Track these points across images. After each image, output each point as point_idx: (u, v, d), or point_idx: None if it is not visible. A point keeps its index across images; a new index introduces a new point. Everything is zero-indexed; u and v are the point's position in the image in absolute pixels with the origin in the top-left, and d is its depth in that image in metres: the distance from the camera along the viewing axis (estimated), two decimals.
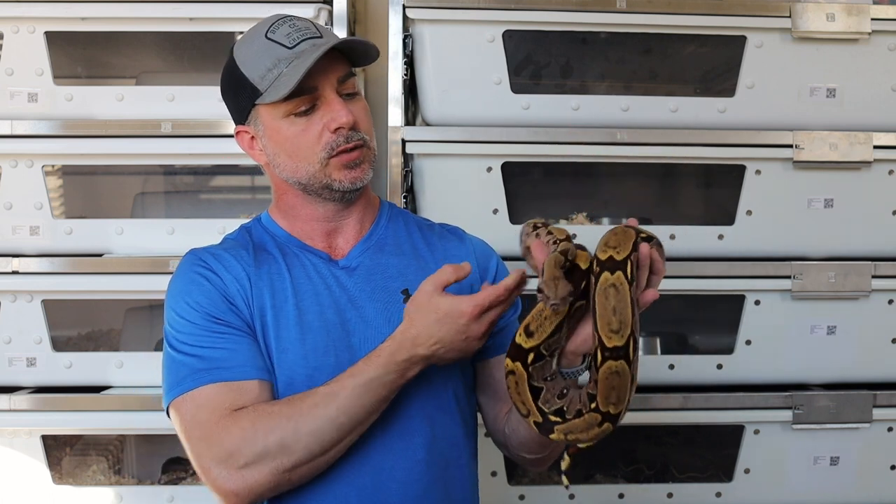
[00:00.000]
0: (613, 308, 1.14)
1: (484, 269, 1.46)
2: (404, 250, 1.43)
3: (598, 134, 2.03)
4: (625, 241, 1.16)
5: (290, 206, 1.42)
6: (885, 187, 2.10)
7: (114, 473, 2.13)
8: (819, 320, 2.08)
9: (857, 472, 2.09)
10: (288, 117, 1.33)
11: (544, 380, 1.21)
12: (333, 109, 1.32)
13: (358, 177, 1.35)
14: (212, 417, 1.25)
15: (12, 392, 2.01)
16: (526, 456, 1.41)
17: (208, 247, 1.42)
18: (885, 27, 2.08)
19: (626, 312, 1.13)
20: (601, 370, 1.14)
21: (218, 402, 1.26)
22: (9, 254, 2.02)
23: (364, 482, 1.32)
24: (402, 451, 1.33)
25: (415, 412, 1.34)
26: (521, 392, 1.21)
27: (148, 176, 2.34)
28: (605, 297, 1.14)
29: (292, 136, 1.34)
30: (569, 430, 1.20)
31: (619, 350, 1.13)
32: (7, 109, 2.04)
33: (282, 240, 1.42)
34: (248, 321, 1.33)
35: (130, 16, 2.02)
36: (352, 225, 1.42)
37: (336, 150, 1.33)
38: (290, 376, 1.32)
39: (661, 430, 2.20)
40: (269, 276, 1.36)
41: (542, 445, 1.35)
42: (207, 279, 1.34)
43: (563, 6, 2.03)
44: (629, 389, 1.16)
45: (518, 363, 1.19)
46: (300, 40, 1.32)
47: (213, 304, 1.33)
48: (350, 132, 1.33)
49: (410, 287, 1.37)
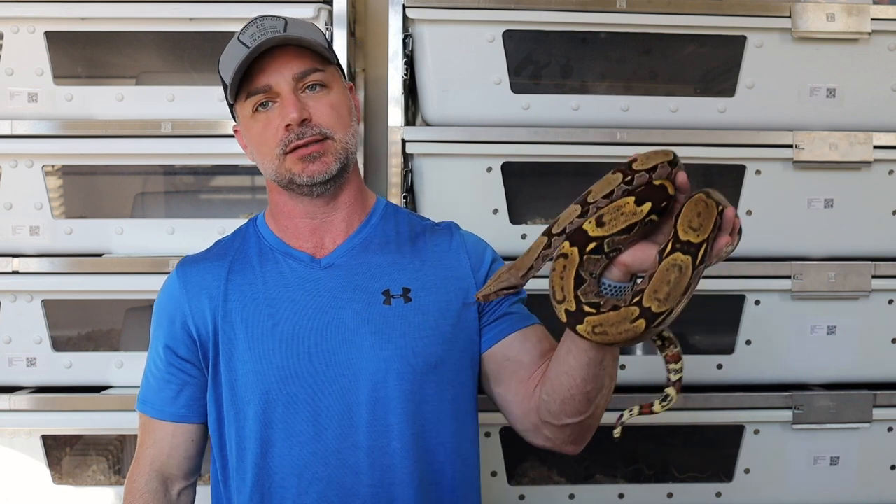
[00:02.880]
0: (699, 213, 1.13)
1: (477, 261, 1.44)
2: (390, 249, 1.42)
3: (598, 134, 2.03)
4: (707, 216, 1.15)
5: (275, 203, 1.44)
6: (885, 187, 2.10)
7: (114, 473, 2.13)
8: (819, 320, 2.08)
9: (857, 472, 2.09)
10: (253, 115, 1.37)
11: (591, 275, 1.19)
12: (283, 106, 1.34)
13: (317, 170, 1.35)
14: (136, 451, 1.46)
15: (12, 392, 2.01)
16: (568, 421, 1.32)
17: (196, 256, 1.47)
18: (885, 27, 2.07)
19: (708, 224, 1.12)
20: (664, 261, 1.13)
21: (140, 436, 1.46)
22: (9, 254, 2.03)
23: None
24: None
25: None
26: (564, 277, 1.18)
27: (148, 176, 2.34)
28: (693, 205, 1.14)
29: (257, 133, 1.37)
30: (599, 322, 1.15)
31: (691, 245, 1.12)
32: (7, 109, 2.04)
33: (267, 244, 1.44)
34: (206, 350, 1.40)
35: (130, 16, 2.02)
36: (338, 223, 1.42)
37: (289, 146, 1.34)
38: (267, 387, 1.34)
39: (661, 430, 2.19)
40: (242, 288, 1.40)
41: (587, 399, 1.28)
42: (176, 306, 1.42)
43: (563, 6, 2.03)
44: (682, 295, 1.12)
45: (575, 248, 1.18)
46: (261, 39, 1.33)
47: (172, 335, 1.42)
48: (302, 128, 1.33)
49: (392, 287, 1.38)
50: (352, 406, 1.33)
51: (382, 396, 1.33)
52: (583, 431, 1.35)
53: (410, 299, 1.37)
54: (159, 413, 1.43)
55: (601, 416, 1.35)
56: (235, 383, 1.36)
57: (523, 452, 2.20)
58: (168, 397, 1.42)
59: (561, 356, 1.27)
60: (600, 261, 1.18)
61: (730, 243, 1.16)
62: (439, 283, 1.40)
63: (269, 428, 1.34)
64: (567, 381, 1.27)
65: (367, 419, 1.33)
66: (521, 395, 1.39)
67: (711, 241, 1.13)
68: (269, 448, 1.35)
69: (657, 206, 1.16)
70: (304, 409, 1.34)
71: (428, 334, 1.36)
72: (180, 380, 1.42)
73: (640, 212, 1.16)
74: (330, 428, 1.33)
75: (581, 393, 1.27)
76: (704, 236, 1.12)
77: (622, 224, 1.16)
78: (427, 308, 1.38)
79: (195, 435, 1.44)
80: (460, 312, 1.40)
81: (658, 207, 1.16)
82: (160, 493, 1.43)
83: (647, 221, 1.16)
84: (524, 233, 2.06)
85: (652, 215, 1.16)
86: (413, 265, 1.41)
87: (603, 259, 1.18)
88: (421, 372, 1.34)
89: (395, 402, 1.33)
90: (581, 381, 1.25)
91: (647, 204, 1.16)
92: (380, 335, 1.35)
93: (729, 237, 1.16)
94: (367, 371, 1.33)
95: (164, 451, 1.43)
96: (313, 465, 1.33)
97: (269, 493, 1.35)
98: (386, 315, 1.36)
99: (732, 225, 1.16)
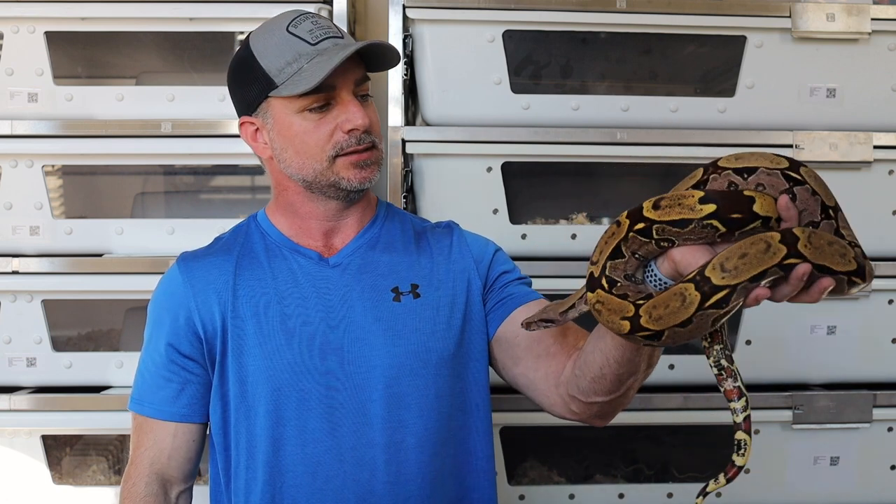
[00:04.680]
0: (744, 254, 0.97)
1: (480, 254, 1.45)
2: (396, 248, 1.43)
3: (598, 134, 2.03)
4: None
5: (290, 202, 1.42)
6: (885, 187, 2.10)
7: (114, 473, 2.13)
8: (819, 320, 2.08)
9: (857, 472, 2.09)
10: (301, 113, 1.33)
11: (633, 254, 1.09)
12: (349, 111, 1.33)
13: (367, 177, 1.36)
14: (131, 453, 1.43)
15: (12, 392, 2.01)
16: (597, 399, 1.28)
17: (197, 252, 1.44)
18: (885, 27, 2.07)
19: (748, 271, 0.97)
20: (675, 284, 1.02)
21: (136, 437, 1.42)
22: (9, 254, 2.02)
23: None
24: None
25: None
26: (608, 243, 1.09)
27: (148, 176, 2.34)
28: (750, 242, 0.98)
29: (302, 133, 1.34)
30: (602, 300, 1.08)
31: (707, 283, 0.97)
32: (7, 109, 2.04)
33: (273, 241, 1.43)
34: (213, 346, 1.37)
35: (130, 16, 2.02)
36: (350, 225, 1.43)
37: (346, 150, 1.33)
38: (279, 383, 1.34)
39: (661, 430, 2.19)
40: (251, 283, 1.38)
41: (619, 380, 1.23)
42: (180, 302, 1.39)
43: (563, 6, 2.03)
44: (678, 327, 1.01)
45: (628, 221, 1.07)
46: (322, 38, 1.32)
47: (174, 332, 1.39)
48: (363, 134, 1.34)
49: (401, 284, 1.38)
50: (366, 403, 1.33)
51: (396, 392, 1.33)
52: (613, 408, 1.32)
53: (419, 295, 1.38)
54: (159, 413, 1.40)
55: (633, 396, 1.30)
56: (245, 379, 1.35)
57: (523, 452, 2.20)
58: (169, 396, 1.39)
59: (601, 332, 1.23)
60: (647, 244, 1.07)
61: (790, 296, 1.00)
62: (445, 279, 1.41)
63: (281, 425, 1.33)
64: (600, 359, 1.22)
65: (382, 415, 1.33)
66: (542, 371, 1.37)
67: (742, 290, 0.98)
68: (281, 446, 1.34)
69: (723, 214, 1.00)
70: (318, 406, 1.33)
71: (439, 329, 1.37)
72: (182, 378, 1.39)
73: (700, 210, 1.01)
74: (344, 425, 1.33)
75: (613, 374, 1.22)
76: (732, 282, 0.97)
77: (675, 215, 1.02)
78: (436, 304, 1.39)
79: (196, 435, 1.42)
80: (467, 304, 1.41)
81: (725, 216, 1.00)
82: (160, 497, 1.40)
83: (706, 225, 1.01)
84: (524, 233, 2.06)
85: (713, 220, 1.01)
86: (419, 262, 1.42)
87: (651, 244, 1.06)
88: (433, 367, 1.35)
89: (409, 397, 1.34)
90: (615, 363, 1.20)
91: (711, 206, 1.00)
92: (391, 332, 1.35)
93: (793, 288, 1.00)
94: (381, 367, 1.34)
95: (164, 452, 1.40)
96: (328, 463, 1.32)
97: (280, 492, 1.34)
98: (396, 312, 1.37)
99: (800, 282, 1.00)
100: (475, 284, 1.42)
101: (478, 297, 1.42)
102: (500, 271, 1.46)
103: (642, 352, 1.20)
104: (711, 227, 1.02)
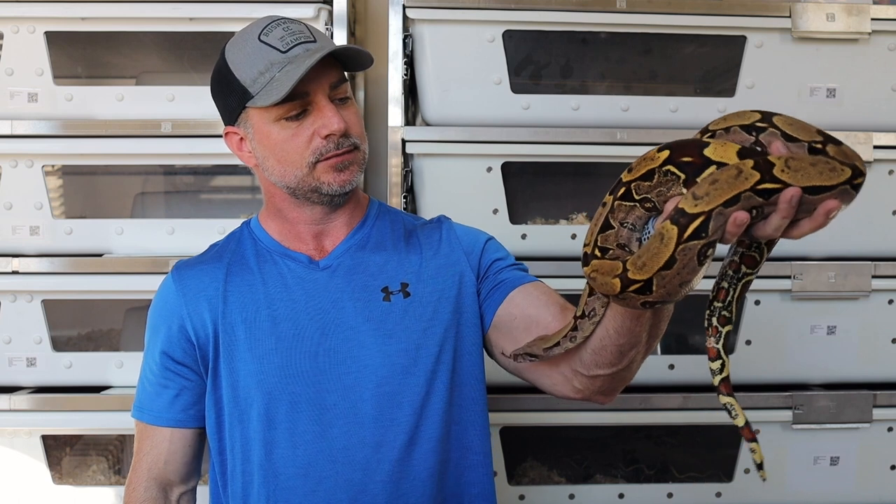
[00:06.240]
0: (715, 180, 0.97)
1: (470, 245, 1.45)
2: (386, 247, 1.43)
3: (598, 134, 2.03)
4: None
5: (279, 208, 1.43)
6: (885, 187, 2.10)
7: (114, 473, 2.13)
8: (819, 320, 2.08)
9: (857, 472, 2.09)
10: (278, 122, 1.33)
11: (622, 224, 1.10)
12: (325, 116, 1.32)
13: (346, 179, 1.36)
14: (133, 459, 1.46)
15: (12, 392, 2.01)
16: (599, 372, 1.26)
17: (190, 261, 1.46)
18: (885, 27, 2.07)
19: (721, 195, 0.96)
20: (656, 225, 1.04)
21: (137, 443, 1.45)
22: (9, 254, 2.03)
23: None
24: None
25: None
26: (596, 224, 1.12)
27: (148, 176, 2.34)
28: (716, 173, 0.98)
29: (281, 141, 1.34)
30: (597, 267, 1.08)
31: (683, 215, 0.97)
32: (7, 109, 2.04)
33: (263, 246, 1.44)
34: (206, 353, 1.39)
35: (130, 16, 2.02)
36: (339, 227, 1.43)
37: (325, 155, 1.33)
38: (270, 387, 1.35)
39: (661, 430, 2.20)
40: (241, 289, 1.39)
41: (620, 352, 1.22)
42: (173, 311, 1.41)
43: (563, 6, 2.03)
44: (661, 266, 0.99)
45: (611, 196, 1.10)
46: (294, 44, 1.31)
47: (168, 340, 1.41)
48: (341, 139, 1.33)
49: (390, 283, 1.38)
50: (356, 402, 1.34)
51: (387, 391, 1.34)
52: (615, 383, 1.30)
53: (409, 294, 1.39)
54: (156, 419, 1.42)
55: (636, 370, 1.29)
56: (237, 384, 1.36)
57: (523, 452, 2.20)
58: (165, 402, 1.42)
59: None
60: (633, 210, 1.09)
61: (779, 230, 0.97)
62: (434, 273, 1.41)
63: (272, 428, 1.34)
64: (600, 331, 1.21)
65: (373, 414, 1.33)
66: None
67: (719, 216, 0.96)
68: (273, 448, 1.35)
69: (676, 158, 1.03)
70: (308, 408, 1.34)
71: (430, 326, 1.37)
72: (177, 384, 1.41)
73: (658, 158, 1.05)
74: (335, 425, 1.33)
75: (614, 345, 1.21)
76: (706, 208, 0.96)
77: (642, 170, 1.06)
78: (425, 299, 1.39)
79: (192, 440, 1.44)
80: (458, 298, 1.41)
81: (678, 160, 1.03)
82: (160, 501, 1.43)
83: (665, 171, 1.04)
84: (524, 233, 2.06)
85: (669, 166, 1.03)
86: (409, 260, 1.42)
87: (638, 208, 1.09)
88: (425, 364, 1.35)
89: (402, 395, 1.34)
90: (614, 333, 1.19)
91: (665, 152, 1.04)
92: (382, 331, 1.36)
93: (784, 215, 0.96)
94: (372, 367, 1.34)
95: (161, 457, 1.43)
96: (320, 464, 1.33)
97: (274, 494, 1.34)
98: (386, 311, 1.37)
99: (789, 206, 0.95)
100: (467, 277, 1.42)
101: (470, 289, 1.42)
102: (493, 259, 1.45)
103: (642, 321, 1.17)
104: (671, 173, 1.04)
